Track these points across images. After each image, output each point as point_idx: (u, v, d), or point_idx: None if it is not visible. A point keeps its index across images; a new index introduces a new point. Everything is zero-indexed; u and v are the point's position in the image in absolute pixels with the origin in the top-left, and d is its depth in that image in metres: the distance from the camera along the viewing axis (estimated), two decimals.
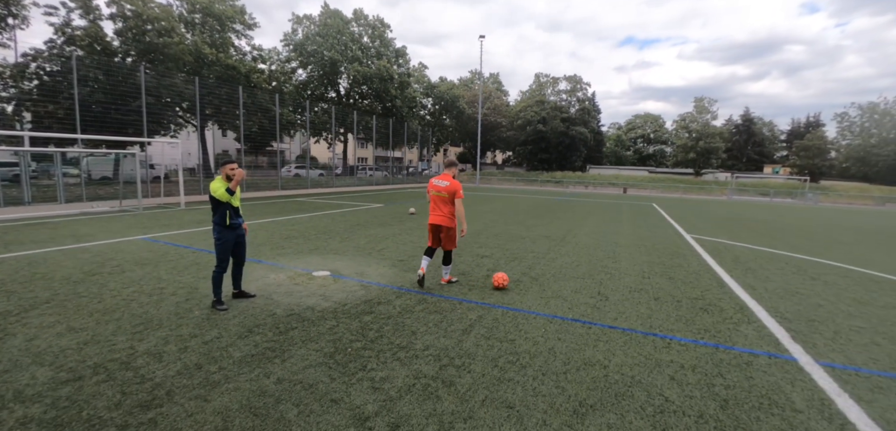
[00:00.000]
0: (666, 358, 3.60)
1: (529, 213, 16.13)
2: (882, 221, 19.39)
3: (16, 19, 20.26)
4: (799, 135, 64.02)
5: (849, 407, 2.92)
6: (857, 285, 6.51)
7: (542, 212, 16.63)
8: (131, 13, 22.14)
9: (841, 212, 24.24)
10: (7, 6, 19.58)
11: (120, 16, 22.26)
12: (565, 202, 23.14)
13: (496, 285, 5.58)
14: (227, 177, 4.76)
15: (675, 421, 2.69)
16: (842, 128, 58.59)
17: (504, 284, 5.58)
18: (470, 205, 19.45)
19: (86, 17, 21.05)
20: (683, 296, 5.53)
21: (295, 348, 3.77)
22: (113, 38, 22.53)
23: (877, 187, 44.47)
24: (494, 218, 14.22)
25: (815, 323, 4.62)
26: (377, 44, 38.93)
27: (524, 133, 55.49)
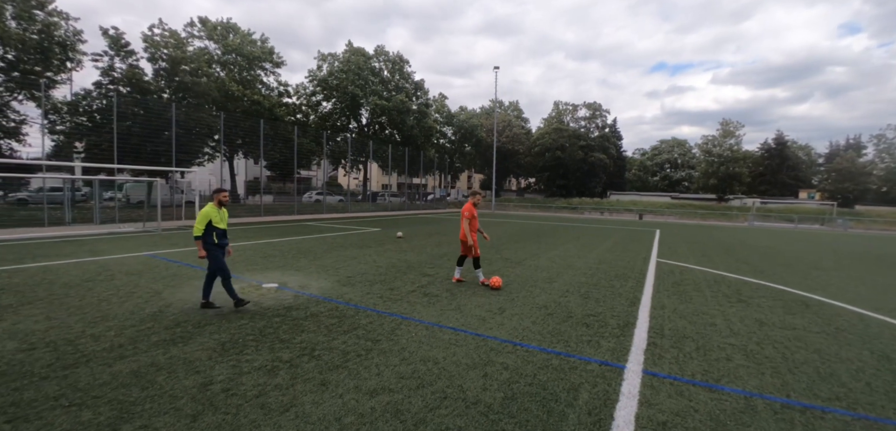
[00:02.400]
0: (498, 360, 4.18)
1: (514, 237, 16.67)
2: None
3: (72, 63, 23.17)
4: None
5: (625, 406, 3.32)
6: (779, 308, 6.76)
7: (527, 237, 17.13)
8: (166, 57, 24.78)
9: (864, 239, 23.17)
10: (65, 52, 22.48)
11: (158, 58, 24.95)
12: (562, 227, 23.41)
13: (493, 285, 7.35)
14: (219, 203, 5.76)
15: (450, 403, 3.28)
16: (879, 151, 55.46)
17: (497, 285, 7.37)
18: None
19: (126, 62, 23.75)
20: (581, 313, 6.05)
21: (200, 337, 4.68)
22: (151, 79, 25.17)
23: None
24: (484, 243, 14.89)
25: (684, 340, 5.00)
26: (397, 78, 40.95)
27: (543, 160, 55.87)
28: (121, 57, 23.60)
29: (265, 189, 43.41)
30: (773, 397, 3.58)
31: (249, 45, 31.25)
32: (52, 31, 21.44)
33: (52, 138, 23.00)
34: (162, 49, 25.03)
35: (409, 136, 41.07)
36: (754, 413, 3.28)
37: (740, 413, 3.25)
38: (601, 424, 3.01)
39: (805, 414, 3.30)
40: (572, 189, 55.39)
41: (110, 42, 23.86)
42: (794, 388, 3.78)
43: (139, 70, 24.48)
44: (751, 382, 3.84)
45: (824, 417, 3.29)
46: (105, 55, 23.35)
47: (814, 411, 3.37)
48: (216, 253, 5.65)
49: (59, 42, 21.81)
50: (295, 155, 28.45)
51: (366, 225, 21.24)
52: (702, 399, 3.46)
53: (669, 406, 3.31)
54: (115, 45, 23.81)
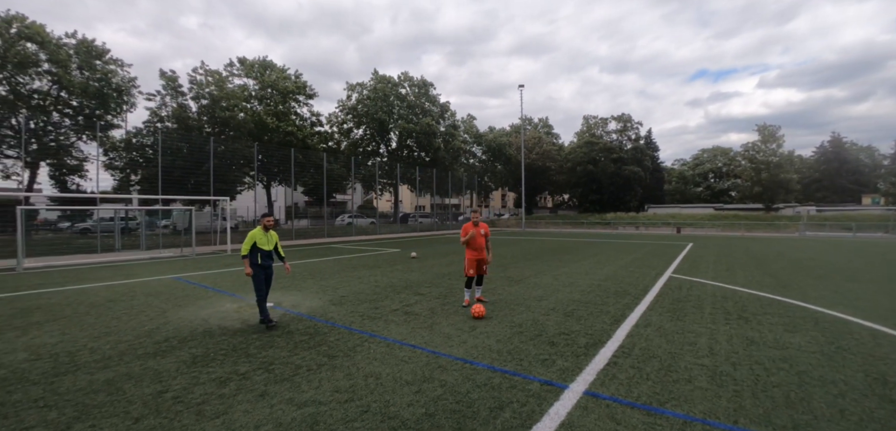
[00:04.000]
0: (439, 377, 4.22)
1: (529, 256, 16.49)
2: None
3: (127, 105, 25.65)
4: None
5: (543, 427, 3.25)
6: (780, 326, 6.34)
7: (542, 255, 16.89)
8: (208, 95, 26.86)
9: None
10: (121, 95, 24.93)
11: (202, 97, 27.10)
12: (586, 244, 22.82)
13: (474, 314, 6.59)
14: (264, 227, 6.29)
15: (367, 417, 3.38)
16: None
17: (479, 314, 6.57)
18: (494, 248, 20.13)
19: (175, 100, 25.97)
20: (555, 331, 5.95)
21: (179, 351, 5.07)
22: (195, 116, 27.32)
23: None
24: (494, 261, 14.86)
25: (650, 360, 4.78)
26: (423, 101, 41.96)
27: (575, 175, 54.79)
28: (172, 96, 25.85)
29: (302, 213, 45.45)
30: (716, 422, 3.39)
31: (284, 79, 33.22)
32: (109, 78, 23.88)
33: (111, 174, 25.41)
34: (204, 88, 27.17)
35: (437, 158, 41.72)
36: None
37: None
38: (517, 425, 3.02)
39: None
40: (607, 203, 53.79)
41: (166, 82, 26.25)
42: (748, 414, 3.56)
43: (186, 108, 26.70)
44: (700, 407, 3.66)
45: None
46: (158, 95, 25.67)
47: (711, 429, 3.20)
48: (257, 272, 6.10)
49: (116, 87, 24.22)
50: (324, 180, 29.65)
51: (388, 246, 21.71)
52: (634, 422, 3.35)
53: (591, 428, 3.24)
54: (170, 84, 26.15)
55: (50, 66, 22.15)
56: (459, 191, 45.40)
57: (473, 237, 7.30)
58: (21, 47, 20.99)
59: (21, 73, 21.46)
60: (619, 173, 53.09)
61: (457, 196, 45.98)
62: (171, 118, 25.51)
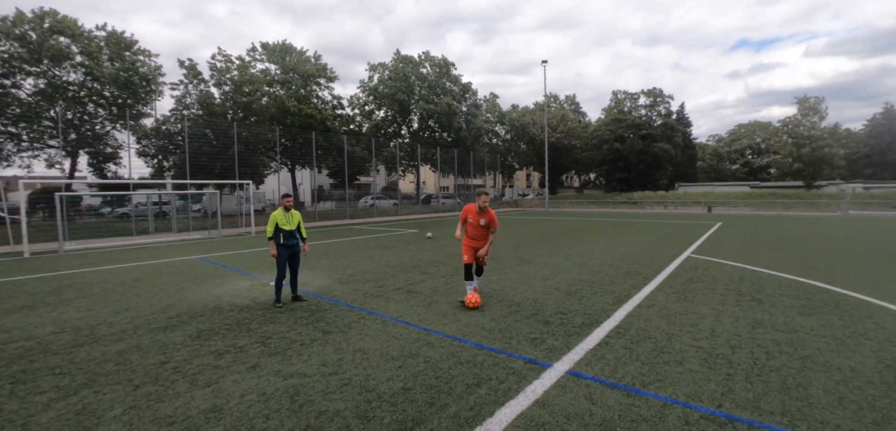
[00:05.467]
0: (425, 353, 4.29)
1: (544, 236, 16.30)
2: None
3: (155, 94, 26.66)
4: None
5: (515, 404, 3.25)
6: (794, 308, 6.06)
7: (558, 235, 16.66)
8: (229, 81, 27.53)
9: None
10: (148, 84, 25.92)
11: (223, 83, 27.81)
12: (607, 223, 22.33)
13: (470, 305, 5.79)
14: (285, 207, 6.46)
15: (346, 389, 3.49)
16: None
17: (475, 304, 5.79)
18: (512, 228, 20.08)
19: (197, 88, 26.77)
20: (552, 311, 5.88)
21: (187, 326, 5.35)
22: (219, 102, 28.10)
23: None
24: (508, 241, 14.81)
25: (644, 341, 4.64)
26: (444, 81, 41.60)
27: (601, 153, 53.34)
28: (193, 84, 26.67)
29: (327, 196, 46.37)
30: (698, 406, 3.30)
31: (304, 63, 33.61)
32: (137, 68, 24.83)
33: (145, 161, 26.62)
34: (225, 74, 27.84)
35: (459, 138, 41.49)
36: (658, 421, 3.09)
37: (640, 421, 3.07)
38: (474, 420, 3.03)
39: (722, 427, 3.06)
40: (634, 182, 52.20)
41: (187, 70, 27.08)
42: (736, 398, 3.43)
43: (210, 95, 27.49)
44: (685, 389, 3.56)
45: (722, 425, 3.03)
46: (181, 84, 26.55)
47: (737, 424, 3.08)
48: (280, 251, 6.31)
49: (144, 76, 25.18)
50: (345, 163, 30.06)
51: (408, 227, 21.92)
52: (610, 403, 3.31)
53: (565, 407, 3.22)
54: (191, 73, 26.98)
55: (82, 59, 23.21)
56: (482, 171, 45.09)
57: (469, 225, 6.12)
58: (54, 41, 22.06)
59: (56, 66, 22.60)
60: (647, 150, 51.29)
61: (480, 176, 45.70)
62: (195, 105, 26.36)
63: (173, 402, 3.38)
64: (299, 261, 6.60)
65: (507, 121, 53.06)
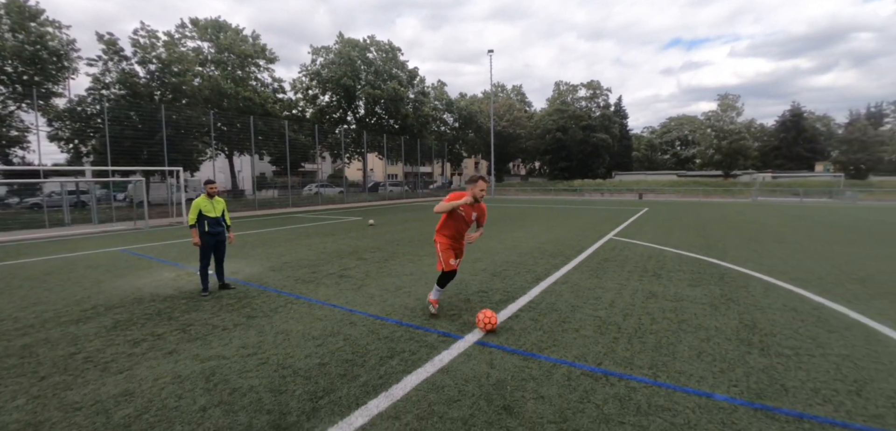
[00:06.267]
0: (345, 331, 4.55)
1: (489, 223, 16.89)
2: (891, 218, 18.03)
3: (68, 71, 24.23)
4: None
5: (422, 371, 3.58)
6: (685, 282, 6.90)
7: (499, 221, 17.36)
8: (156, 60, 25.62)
9: (866, 210, 22.52)
10: (60, 60, 23.51)
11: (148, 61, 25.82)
12: (547, 210, 23.48)
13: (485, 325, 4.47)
14: (208, 194, 6.36)
15: (264, 368, 3.71)
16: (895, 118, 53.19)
17: (489, 324, 4.46)
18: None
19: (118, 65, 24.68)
20: (476, 290, 6.29)
21: (102, 318, 5.18)
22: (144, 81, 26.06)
23: None
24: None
25: (550, 314, 5.09)
26: (390, 67, 41.16)
27: (544, 142, 55.47)
28: (114, 61, 24.53)
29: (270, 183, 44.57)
30: (582, 365, 3.75)
31: (241, 42, 31.92)
32: (46, 41, 22.43)
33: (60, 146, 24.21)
34: (150, 51, 25.86)
35: (406, 125, 41.40)
36: (545, 378, 3.52)
37: (529, 379, 3.49)
38: (382, 386, 3.32)
39: (596, 381, 3.56)
40: (575, 171, 54.89)
41: (105, 47, 24.82)
42: (615, 357, 3.90)
43: (133, 73, 25.41)
44: (574, 352, 4.04)
45: (597, 379, 3.56)
46: (99, 60, 24.31)
47: (610, 377, 3.58)
48: (204, 239, 6.24)
49: (54, 51, 22.80)
50: (287, 149, 29.10)
51: (352, 214, 21.77)
52: (507, 366, 3.71)
53: (466, 372, 3.59)
54: (111, 49, 24.75)
55: None
56: (430, 158, 45.33)
57: (456, 217, 4.90)
58: None
59: None
60: (587, 140, 54.04)
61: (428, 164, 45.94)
62: (115, 84, 24.27)
63: (82, 389, 3.37)
64: (225, 249, 6.54)
65: (455, 109, 53.56)
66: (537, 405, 3.05)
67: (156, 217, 20.44)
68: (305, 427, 2.78)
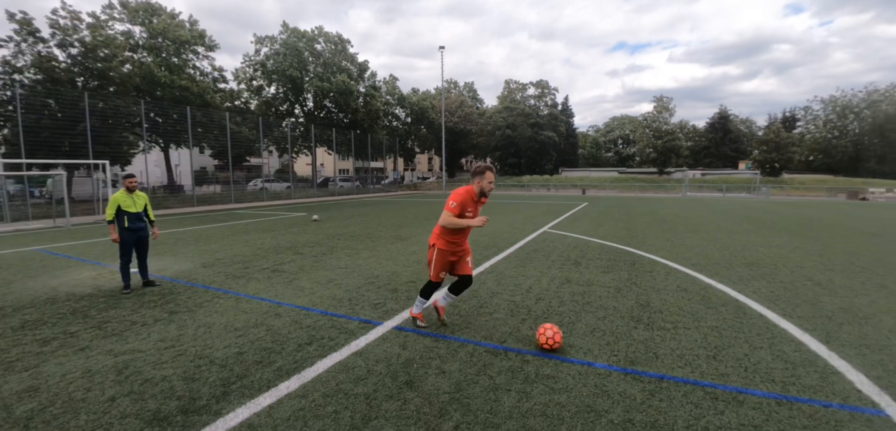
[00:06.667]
0: (269, 323, 4.73)
1: (433, 216, 17.28)
2: (792, 211, 20.32)
3: None
4: None
5: (336, 355, 3.94)
6: (600, 268, 7.58)
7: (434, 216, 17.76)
8: (78, 43, 23.65)
9: (775, 204, 25.15)
10: None
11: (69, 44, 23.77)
12: (492, 205, 24.25)
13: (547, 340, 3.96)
14: (127, 188, 6.11)
15: (180, 360, 3.81)
16: (806, 122, 59.56)
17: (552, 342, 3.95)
18: (402, 209, 20.67)
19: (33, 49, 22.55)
20: (406, 281, 6.62)
21: (10, 318, 4.94)
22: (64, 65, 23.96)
23: (834, 178, 45.25)
24: (392, 221, 15.39)
25: (470, 299, 5.56)
26: (339, 59, 40.42)
27: (494, 139, 56.85)
28: (28, 43, 22.37)
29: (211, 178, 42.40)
30: (487, 343, 4.10)
31: (177, 28, 30.11)
32: None
33: None
34: (72, 34, 23.83)
35: (356, 119, 40.87)
36: (450, 357, 3.87)
37: (435, 357, 3.82)
38: (295, 370, 3.51)
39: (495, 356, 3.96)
40: (524, 167, 56.73)
41: (18, 26, 22.56)
42: (517, 336, 4.28)
43: (52, 57, 23.29)
44: (482, 333, 4.37)
45: (497, 354, 3.97)
46: (10, 41, 22.08)
47: (509, 353, 4.02)
48: (124, 235, 6.04)
49: None
50: (228, 142, 27.90)
51: (298, 210, 21.35)
52: (419, 348, 4.00)
53: (378, 354, 3.86)
54: (24, 28, 22.52)
55: None
56: (381, 153, 45.06)
57: (466, 216, 4.18)
58: None
59: None
60: (535, 138, 55.98)
61: (379, 159, 45.64)
62: (30, 68, 22.14)
63: None
64: (148, 246, 6.38)
65: (407, 104, 53.49)
66: (437, 379, 3.38)
67: (81, 214, 19.01)
68: (214, 409, 2.94)
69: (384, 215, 17.74)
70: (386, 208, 21.92)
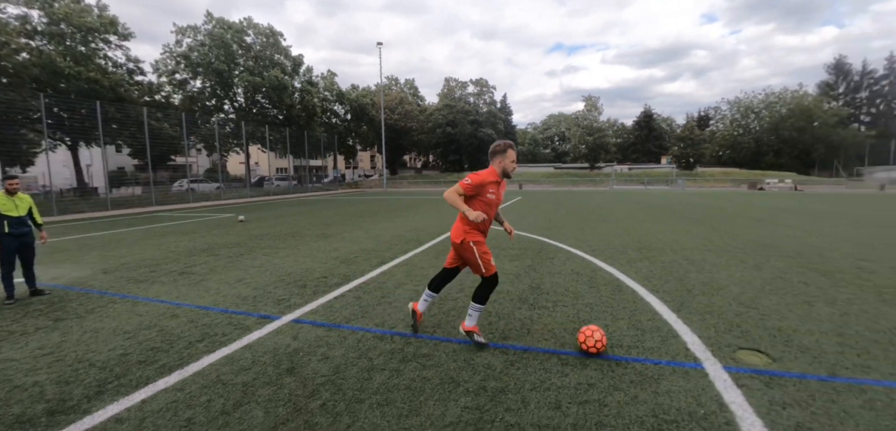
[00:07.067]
0: (162, 324, 4.75)
1: (367, 215, 17.35)
2: (699, 200, 22.59)
3: None
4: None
5: (227, 348, 4.07)
6: (507, 257, 8.12)
7: (373, 213, 17.92)
8: None
9: (687, 195, 27.75)
10: None
11: None
12: (425, 202, 24.69)
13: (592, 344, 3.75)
14: (7, 191, 5.65)
15: (59, 365, 3.76)
16: (716, 121, 66.19)
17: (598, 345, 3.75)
18: (337, 207, 20.44)
19: None
20: (318, 276, 6.74)
21: None
22: None
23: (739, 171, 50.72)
24: (321, 219, 15.26)
25: (373, 292, 5.88)
26: (272, 53, 38.87)
27: (435, 136, 57.53)
28: None
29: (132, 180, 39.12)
30: (374, 330, 4.38)
31: (83, 13, 27.47)
32: None
33: None
34: None
35: (292, 116, 39.55)
36: (337, 343, 4.14)
37: (323, 346, 4.04)
38: (177, 366, 3.60)
39: (381, 340, 4.27)
40: (465, 163, 57.93)
41: None
42: (407, 322, 4.60)
43: None
44: (375, 321, 4.62)
45: (383, 339, 4.30)
46: None
47: (394, 337, 4.33)
48: (5, 242, 5.64)
49: None
50: (147, 140, 25.98)
51: (224, 212, 20.45)
52: (310, 338, 4.17)
53: (268, 345, 4.00)
54: None
55: None
56: (318, 151, 43.94)
57: (482, 204, 3.79)
58: None
59: None
60: (475, 135, 57.31)
61: (317, 157, 44.46)
62: None
63: None
64: (34, 251, 6.01)
65: (346, 100, 52.50)
66: (319, 364, 3.63)
67: None
68: (83, 407, 2.98)
69: (316, 214, 17.52)
70: (320, 207, 21.60)
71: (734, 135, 60.80)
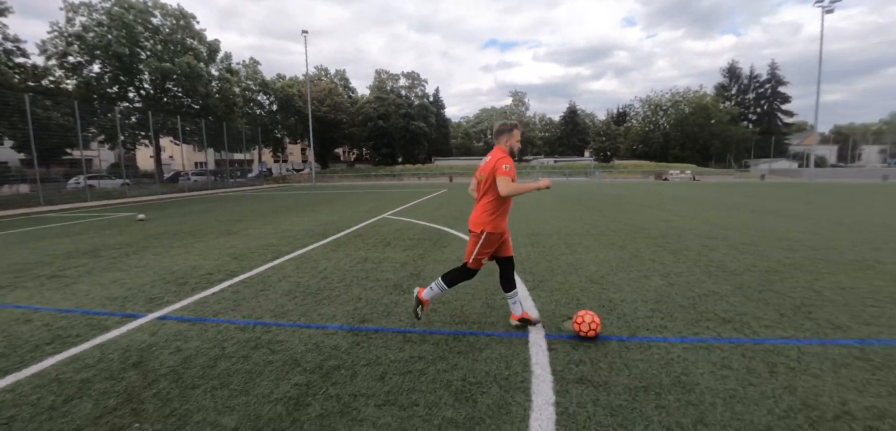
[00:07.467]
0: (14, 330, 4.62)
1: (280, 209, 17.02)
2: (610, 191, 24.66)
3: None
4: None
5: (84, 345, 4.16)
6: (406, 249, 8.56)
7: (296, 207, 17.66)
8: None
9: (602, 186, 30.05)
10: None
11: None
12: (355, 194, 24.67)
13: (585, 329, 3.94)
14: None
15: None
16: (630, 117, 72.24)
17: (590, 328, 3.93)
18: (252, 203, 19.69)
19: None
20: (205, 273, 6.71)
21: None
22: None
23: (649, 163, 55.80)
24: (230, 216, 14.77)
25: (253, 285, 6.02)
26: (181, 36, 36.12)
27: (367, 129, 56.94)
28: None
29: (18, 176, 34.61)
30: (240, 321, 4.60)
31: None
32: None
33: None
34: None
35: (208, 105, 37.13)
36: (196, 336, 4.28)
37: (179, 339, 4.18)
38: (15, 369, 3.54)
39: (236, 330, 4.47)
40: (398, 156, 57.98)
41: None
42: (276, 311, 4.88)
43: None
44: (244, 312, 4.72)
45: (244, 330, 4.54)
46: None
47: (256, 328, 4.60)
48: None
49: None
50: (31, 132, 23.21)
51: (125, 210, 18.97)
52: (169, 332, 4.26)
53: (121, 343, 4.00)
54: None
55: None
56: (241, 144, 41.68)
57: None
58: None
59: None
60: (407, 128, 57.50)
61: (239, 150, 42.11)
62: None
63: None
64: None
65: (270, 90, 50.14)
66: (169, 356, 3.78)
67: None
68: None
69: (228, 210, 16.88)
70: (236, 203, 20.75)
71: (646, 130, 66.70)
